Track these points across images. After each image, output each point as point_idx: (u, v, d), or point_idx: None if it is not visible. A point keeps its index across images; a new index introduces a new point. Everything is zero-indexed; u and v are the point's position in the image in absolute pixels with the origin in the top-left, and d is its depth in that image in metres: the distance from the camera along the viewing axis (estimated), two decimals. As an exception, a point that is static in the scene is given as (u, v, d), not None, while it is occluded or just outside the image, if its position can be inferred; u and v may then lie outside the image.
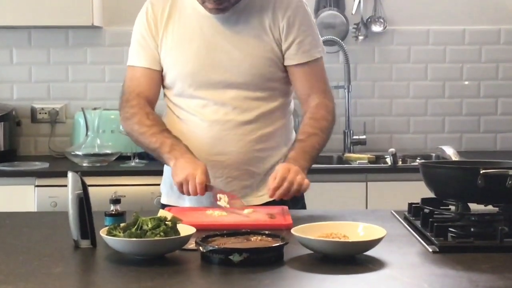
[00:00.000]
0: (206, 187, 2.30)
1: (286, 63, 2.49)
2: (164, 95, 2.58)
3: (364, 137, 4.18)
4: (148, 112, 2.49)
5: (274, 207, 2.36)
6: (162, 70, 2.53)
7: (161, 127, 2.47)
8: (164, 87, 2.57)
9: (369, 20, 4.23)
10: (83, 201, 1.97)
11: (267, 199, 2.38)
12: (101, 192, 2.43)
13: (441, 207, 2.19)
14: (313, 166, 3.57)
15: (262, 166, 2.49)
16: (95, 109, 4.00)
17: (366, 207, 3.62)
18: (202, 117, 2.48)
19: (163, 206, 2.55)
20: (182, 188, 2.32)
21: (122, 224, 1.92)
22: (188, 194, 2.32)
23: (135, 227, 1.88)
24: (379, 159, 4.04)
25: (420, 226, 2.14)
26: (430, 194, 2.21)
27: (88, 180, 2.02)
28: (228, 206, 2.29)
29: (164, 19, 2.50)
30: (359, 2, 4.20)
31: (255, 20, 2.46)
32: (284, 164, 2.35)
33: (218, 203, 2.31)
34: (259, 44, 2.45)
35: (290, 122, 2.62)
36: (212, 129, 2.47)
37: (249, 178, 2.48)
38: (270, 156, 2.51)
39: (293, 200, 2.54)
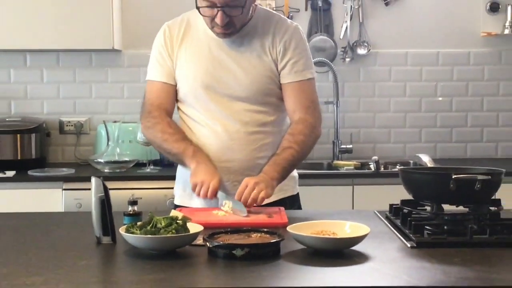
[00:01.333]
0: (216, 194, 2.31)
1: (281, 81, 2.48)
2: (178, 108, 2.58)
3: (350, 146, 4.18)
4: (169, 122, 2.48)
5: (272, 208, 2.36)
6: (176, 85, 2.52)
7: (183, 134, 2.46)
8: (177, 100, 2.55)
9: (354, 44, 4.24)
10: (105, 203, 1.97)
11: (266, 200, 2.37)
12: (120, 194, 2.43)
13: (418, 208, 2.18)
14: (306, 171, 3.61)
15: None
16: (115, 122, 4.01)
17: (352, 208, 3.62)
18: (210, 128, 2.47)
19: (176, 206, 2.55)
20: (195, 188, 2.33)
21: (138, 223, 1.92)
22: (199, 195, 2.32)
23: (150, 225, 1.88)
24: (363, 165, 4.04)
25: (399, 224, 2.13)
26: (408, 196, 2.21)
27: (109, 184, 2.02)
28: (230, 212, 2.28)
29: (179, 39, 2.50)
30: (346, 28, 4.21)
31: (257, 42, 2.46)
32: (246, 179, 2.31)
33: (222, 207, 2.31)
34: (260, 63, 2.45)
35: None
36: (219, 139, 2.45)
37: None
38: None
39: (291, 201, 2.54)
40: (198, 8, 2.36)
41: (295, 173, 2.59)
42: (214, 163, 2.38)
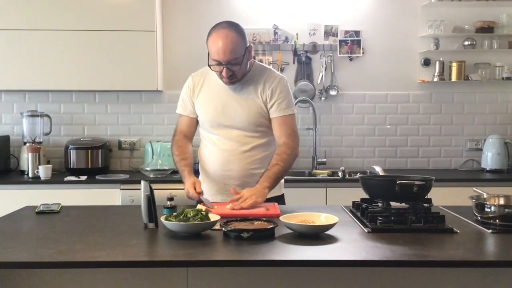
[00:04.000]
0: (200, 195, 2.33)
1: (270, 116, 2.47)
2: (199, 131, 2.62)
3: (325, 160, 4.17)
4: (180, 145, 2.56)
5: (269, 203, 2.35)
6: (197, 117, 2.56)
7: (182, 156, 2.53)
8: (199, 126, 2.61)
9: (328, 87, 4.24)
10: (150, 199, 1.98)
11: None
12: (161, 193, 2.43)
13: (373, 204, 2.18)
14: (292, 178, 3.61)
15: (255, 178, 2.45)
16: (158, 141, 4.01)
17: (326, 204, 3.61)
18: (217, 147, 2.50)
19: (197, 201, 2.56)
20: (188, 194, 2.39)
21: (174, 213, 1.93)
22: (192, 199, 2.38)
23: (182, 215, 1.89)
24: (334, 173, 4.03)
25: (360, 215, 2.13)
26: (366, 196, 2.21)
27: (153, 186, 2.03)
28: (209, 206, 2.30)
29: (199, 86, 2.53)
30: (322, 76, 4.21)
31: (251, 88, 2.46)
32: (245, 190, 2.31)
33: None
34: (253, 103, 2.45)
35: (274, 151, 2.54)
36: (223, 155, 2.48)
37: (246, 185, 2.45)
38: (260, 173, 2.46)
39: (277, 199, 2.51)
40: (209, 65, 2.39)
41: (281, 179, 2.59)
42: (194, 175, 2.44)
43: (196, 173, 2.54)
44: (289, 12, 4.20)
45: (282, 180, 2.61)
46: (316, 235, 1.85)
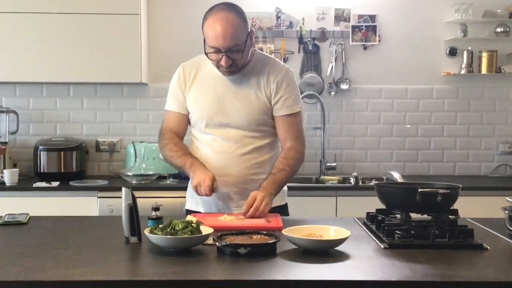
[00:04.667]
0: (213, 190, 2.34)
1: (274, 114, 2.48)
2: (190, 130, 2.60)
3: (334, 164, 4.18)
4: (176, 142, 2.53)
5: (270, 214, 2.35)
6: (188, 114, 2.55)
7: (184, 151, 2.50)
8: (190, 125, 2.59)
9: (338, 80, 4.26)
10: (133, 209, 1.97)
11: None
12: (145, 202, 2.42)
13: (390, 216, 2.18)
14: (296, 185, 3.61)
15: (255, 185, 2.45)
16: (141, 142, 4.02)
17: (336, 215, 3.61)
18: (212, 149, 2.49)
19: (187, 211, 2.56)
20: (197, 189, 2.37)
21: (160, 225, 1.93)
22: (201, 194, 2.37)
23: (170, 227, 1.89)
24: (345, 180, 4.04)
25: (375, 229, 2.13)
26: (382, 206, 2.21)
27: (136, 194, 2.03)
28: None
29: (191, 78, 2.52)
30: (332, 67, 4.22)
31: (253, 81, 2.46)
32: (254, 192, 2.34)
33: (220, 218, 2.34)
34: (255, 98, 2.45)
35: (277, 154, 2.57)
36: (219, 158, 2.47)
37: (245, 193, 2.45)
38: (261, 178, 2.47)
39: (280, 210, 2.52)
40: (206, 53, 2.38)
41: (284, 187, 2.60)
42: (208, 169, 2.40)
43: (188, 178, 2.53)
44: (294, -6, 4.21)
45: (285, 188, 2.61)
46: (325, 251, 1.85)
